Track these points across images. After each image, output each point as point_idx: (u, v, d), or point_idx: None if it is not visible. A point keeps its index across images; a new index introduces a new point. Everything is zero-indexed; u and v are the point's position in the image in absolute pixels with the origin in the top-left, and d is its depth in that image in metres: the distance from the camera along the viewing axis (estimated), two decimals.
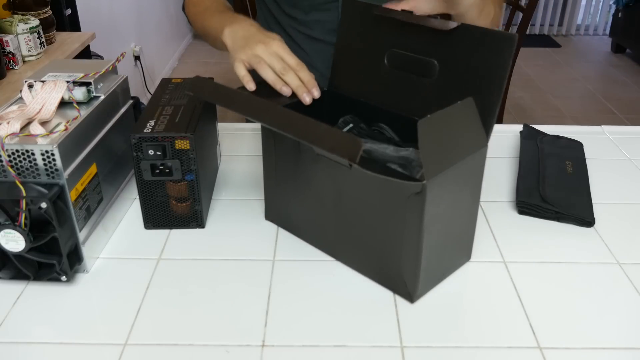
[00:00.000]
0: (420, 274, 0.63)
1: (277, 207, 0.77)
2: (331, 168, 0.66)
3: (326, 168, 0.67)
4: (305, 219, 0.73)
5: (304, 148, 0.68)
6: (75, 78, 0.74)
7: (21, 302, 0.65)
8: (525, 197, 0.80)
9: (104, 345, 0.59)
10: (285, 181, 0.74)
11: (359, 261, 0.69)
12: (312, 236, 0.74)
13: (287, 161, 0.72)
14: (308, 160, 0.68)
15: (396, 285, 0.66)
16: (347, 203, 0.67)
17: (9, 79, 1.58)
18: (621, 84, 3.73)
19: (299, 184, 0.72)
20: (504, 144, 0.99)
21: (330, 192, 0.68)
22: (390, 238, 0.64)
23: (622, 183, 0.89)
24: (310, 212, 0.72)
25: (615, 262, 0.71)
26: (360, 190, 0.65)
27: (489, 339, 0.60)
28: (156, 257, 0.72)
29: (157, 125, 0.72)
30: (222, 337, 0.60)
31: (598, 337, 0.60)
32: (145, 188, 0.74)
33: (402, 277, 0.64)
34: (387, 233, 0.64)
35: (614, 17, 4.24)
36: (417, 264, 0.62)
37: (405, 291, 0.65)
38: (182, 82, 0.86)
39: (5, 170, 0.62)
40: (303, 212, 0.73)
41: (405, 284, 0.64)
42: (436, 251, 0.64)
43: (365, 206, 0.65)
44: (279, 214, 0.77)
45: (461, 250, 0.70)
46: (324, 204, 0.69)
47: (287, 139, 0.69)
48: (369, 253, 0.67)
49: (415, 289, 0.64)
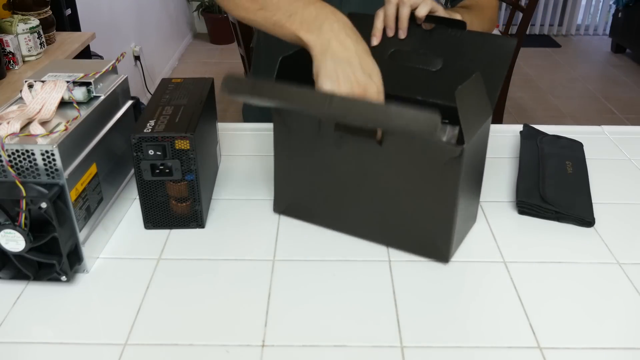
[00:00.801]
0: (453, 235, 0.68)
1: (289, 198, 0.78)
2: (356, 149, 0.69)
3: (350, 150, 0.69)
4: (325, 204, 0.75)
5: (323, 134, 0.70)
6: (75, 78, 0.74)
7: (21, 302, 0.65)
8: (525, 197, 0.80)
9: (104, 345, 0.59)
10: (301, 169, 0.75)
11: (386, 235, 0.72)
12: (332, 220, 0.76)
13: (303, 149, 0.73)
14: (329, 144, 0.70)
15: (428, 250, 0.70)
16: (374, 181, 0.70)
17: (9, 79, 1.58)
18: (621, 84, 3.74)
19: (318, 170, 0.73)
20: (504, 144, 0.99)
21: (354, 172, 0.71)
22: (424, 206, 0.68)
23: (622, 183, 0.89)
24: (330, 196, 0.74)
25: (615, 262, 0.71)
26: (391, 165, 0.68)
27: (489, 339, 0.60)
28: (156, 257, 0.72)
29: (157, 125, 0.72)
30: (222, 337, 0.60)
31: (598, 337, 0.60)
32: (145, 188, 0.74)
33: (435, 242, 0.69)
34: (420, 201, 0.68)
35: (614, 17, 4.24)
36: (450, 226, 0.67)
37: (439, 254, 0.70)
38: (182, 82, 0.86)
39: (5, 170, 0.62)
40: (322, 197, 0.75)
41: (438, 248, 0.69)
42: (462, 212, 0.69)
43: (396, 179, 0.68)
44: (292, 204, 0.78)
45: (473, 213, 0.76)
46: (347, 185, 0.72)
47: (304, 127, 0.71)
48: (399, 224, 0.70)
49: (449, 250, 0.69)
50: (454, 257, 0.72)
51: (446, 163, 0.64)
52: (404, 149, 0.66)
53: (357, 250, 0.73)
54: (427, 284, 0.68)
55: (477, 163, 0.71)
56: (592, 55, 4.31)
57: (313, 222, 0.77)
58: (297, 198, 0.77)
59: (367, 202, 0.72)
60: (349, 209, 0.73)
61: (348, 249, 0.73)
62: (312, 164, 0.73)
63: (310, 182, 0.75)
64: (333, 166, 0.72)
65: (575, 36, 4.75)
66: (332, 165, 0.72)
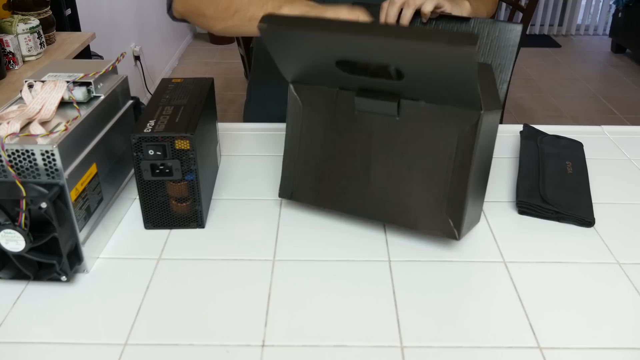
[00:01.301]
0: (466, 210, 0.68)
1: (298, 181, 0.77)
2: (373, 122, 0.69)
3: (366, 124, 0.70)
4: (336, 184, 0.75)
5: (340, 108, 0.70)
6: (75, 78, 0.74)
7: (21, 302, 0.65)
8: (525, 197, 0.80)
9: (104, 345, 0.59)
10: (313, 148, 0.75)
11: (398, 213, 0.72)
12: (342, 202, 0.75)
13: (317, 126, 0.73)
14: (345, 120, 0.71)
15: (440, 226, 0.70)
16: (389, 155, 0.70)
17: (9, 79, 1.58)
18: (621, 84, 3.73)
19: (331, 148, 0.73)
20: (504, 144, 0.99)
21: (368, 148, 0.71)
22: (438, 178, 0.68)
23: (622, 183, 0.89)
24: (343, 175, 0.74)
25: (615, 262, 0.71)
26: (407, 137, 0.68)
27: (489, 339, 0.60)
28: (156, 257, 0.72)
29: (157, 125, 0.72)
30: (222, 337, 0.60)
31: (598, 337, 0.60)
32: (145, 188, 0.74)
33: (447, 217, 0.69)
34: (434, 174, 0.68)
35: (614, 17, 4.24)
36: (463, 199, 0.67)
37: (450, 230, 0.69)
38: (182, 82, 0.86)
39: (5, 170, 0.62)
40: (334, 177, 0.74)
41: (449, 224, 0.69)
42: (473, 191, 0.69)
43: (412, 152, 0.69)
44: (300, 187, 0.77)
45: (478, 209, 0.76)
46: (361, 163, 0.72)
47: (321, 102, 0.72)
48: (412, 201, 0.70)
49: (460, 227, 0.68)
50: (454, 257, 0.72)
51: (463, 131, 0.64)
52: (421, 119, 0.67)
53: (357, 250, 0.73)
54: (427, 284, 0.68)
55: (487, 152, 0.71)
56: (592, 55, 4.31)
57: (322, 205, 0.77)
58: (306, 180, 0.76)
59: (380, 179, 0.72)
60: (361, 188, 0.73)
61: (348, 249, 0.73)
62: (325, 142, 0.74)
63: (323, 161, 0.74)
64: (347, 142, 0.72)
65: (575, 36, 4.75)
66: (346, 142, 0.72)
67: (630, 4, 3.93)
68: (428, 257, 0.72)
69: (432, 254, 0.72)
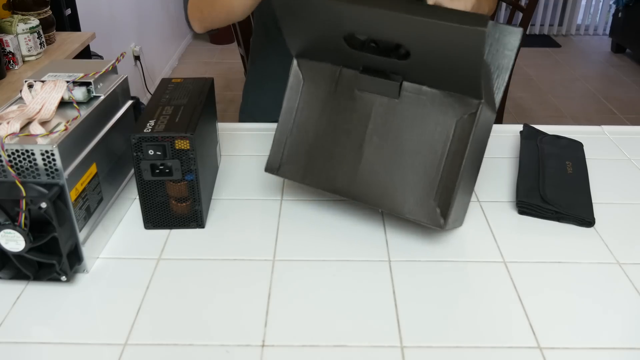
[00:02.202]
0: (454, 199, 0.67)
1: (287, 155, 0.76)
2: (372, 102, 0.70)
3: (366, 103, 0.70)
4: (327, 162, 0.74)
5: (341, 85, 0.71)
6: (75, 78, 0.74)
7: (21, 302, 0.65)
8: (525, 197, 0.80)
9: (104, 345, 0.59)
10: (308, 124, 0.74)
11: (385, 196, 0.71)
12: (330, 180, 0.74)
13: (315, 102, 0.73)
14: (344, 98, 0.71)
15: (426, 213, 0.69)
16: (385, 137, 0.70)
17: (9, 79, 1.58)
18: (621, 84, 3.74)
19: (327, 126, 0.73)
20: (504, 144, 0.99)
21: (365, 128, 0.71)
22: (431, 164, 0.68)
23: (622, 183, 0.89)
24: (334, 154, 0.73)
25: (615, 262, 0.71)
26: (405, 120, 0.68)
27: (489, 339, 0.60)
28: (156, 257, 0.72)
29: (157, 125, 0.72)
30: (222, 337, 0.60)
31: (598, 337, 0.60)
32: (145, 188, 0.74)
33: (435, 206, 0.68)
34: (428, 160, 0.68)
35: (614, 17, 4.24)
36: (453, 188, 0.67)
37: (436, 219, 0.68)
38: (182, 82, 0.86)
39: (5, 170, 0.62)
40: (325, 155, 0.74)
41: (437, 211, 0.68)
42: (464, 183, 0.69)
43: (408, 136, 0.69)
44: (289, 162, 0.76)
45: (469, 192, 0.75)
46: (355, 142, 0.72)
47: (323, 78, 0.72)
48: (401, 184, 0.70)
49: (447, 216, 0.68)
50: (454, 257, 0.72)
51: (462, 119, 0.64)
52: (422, 102, 0.67)
53: (357, 250, 0.73)
54: (427, 284, 0.68)
55: (480, 147, 0.72)
56: (592, 55, 4.31)
57: (308, 182, 0.75)
58: (295, 156, 0.75)
59: (371, 161, 0.71)
60: (350, 169, 0.73)
61: (348, 249, 0.73)
62: (320, 118, 0.74)
63: (315, 137, 0.74)
64: (343, 121, 0.72)
65: (575, 36, 4.75)
66: (342, 121, 0.72)
67: (630, 4, 3.94)
68: (428, 257, 0.72)
69: (432, 254, 0.72)
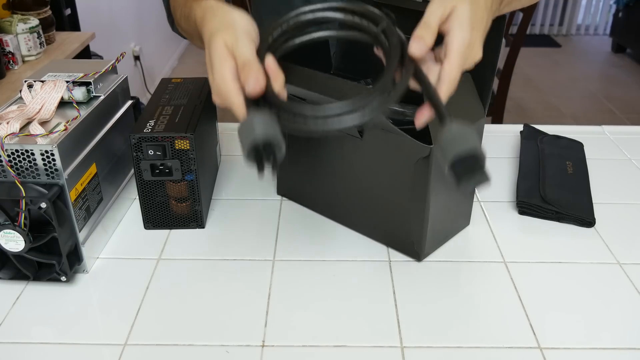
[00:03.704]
0: (426, 234, 0.68)
1: (289, 182, 0.82)
2: (341, 139, 0.71)
3: (337, 140, 0.72)
4: (318, 190, 0.78)
5: None
6: (75, 78, 0.74)
7: (21, 302, 0.65)
8: (525, 197, 0.80)
9: (104, 345, 0.59)
10: (299, 155, 0.78)
11: (369, 226, 0.74)
12: (323, 206, 0.79)
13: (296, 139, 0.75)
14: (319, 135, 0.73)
15: (404, 246, 0.71)
16: (358, 172, 0.72)
17: (9, 79, 1.58)
18: (621, 83, 3.73)
19: (312, 158, 0.76)
20: (504, 143, 0.99)
21: (340, 163, 0.73)
22: (399, 202, 0.69)
23: (622, 183, 0.89)
24: (322, 184, 0.77)
25: (615, 262, 0.71)
26: (370, 159, 0.70)
27: (489, 339, 0.60)
28: (156, 257, 0.72)
29: (157, 125, 0.72)
30: (222, 337, 0.60)
31: (598, 337, 0.60)
32: (145, 188, 0.74)
33: (410, 238, 0.70)
34: (396, 197, 0.69)
35: (614, 17, 4.24)
36: (422, 224, 0.68)
37: (413, 251, 0.71)
38: (182, 82, 0.86)
39: (4, 170, 0.62)
40: (316, 184, 0.78)
41: (412, 245, 0.70)
42: (440, 214, 0.70)
43: (375, 173, 0.70)
44: (292, 188, 0.82)
45: (462, 215, 0.76)
46: (335, 175, 0.75)
47: None
48: (379, 218, 0.72)
49: (422, 249, 0.70)
50: (454, 257, 0.72)
51: (417, 161, 0.65)
52: (381, 144, 0.68)
53: (357, 250, 0.73)
54: (427, 284, 0.68)
55: None
56: (592, 55, 4.31)
57: (309, 207, 0.81)
58: (296, 182, 0.81)
59: (351, 193, 0.74)
60: (337, 198, 0.76)
61: (348, 249, 0.73)
62: (307, 151, 0.76)
63: (306, 168, 0.78)
64: (323, 155, 0.75)
65: (575, 36, 4.75)
66: (323, 155, 0.75)
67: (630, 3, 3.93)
68: (428, 257, 0.72)
69: (431, 254, 0.72)
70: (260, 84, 0.53)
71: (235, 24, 0.57)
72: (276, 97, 0.53)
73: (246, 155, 0.49)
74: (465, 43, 0.53)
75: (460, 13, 0.54)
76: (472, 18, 0.54)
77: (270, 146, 0.49)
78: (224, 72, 0.54)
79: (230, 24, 0.57)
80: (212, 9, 0.61)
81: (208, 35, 0.57)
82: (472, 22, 0.54)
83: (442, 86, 0.53)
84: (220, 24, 0.57)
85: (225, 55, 0.55)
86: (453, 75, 0.53)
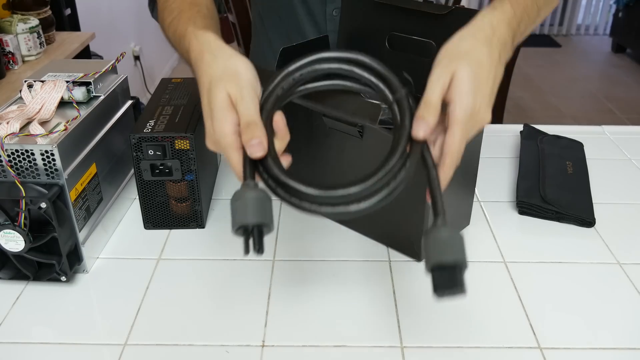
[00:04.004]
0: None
1: None
2: (342, 140, 0.71)
3: (337, 141, 0.71)
4: None
5: (316, 125, 0.72)
6: (75, 78, 0.74)
7: (21, 302, 0.65)
8: (525, 197, 0.80)
9: (104, 345, 0.59)
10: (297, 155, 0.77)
11: (369, 226, 0.74)
12: None
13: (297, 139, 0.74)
14: (320, 135, 0.73)
15: (404, 246, 0.72)
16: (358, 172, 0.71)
17: (9, 79, 1.58)
18: (621, 83, 3.73)
19: (310, 160, 0.76)
20: (504, 144, 0.99)
21: (339, 163, 0.73)
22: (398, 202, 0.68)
23: (622, 183, 0.89)
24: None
25: (615, 262, 0.71)
26: (370, 159, 0.69)
27: (489, 339, 0.60)
28: (156, 257, 0.72)
29: (157, 125, 0.72)
30: (222, 337, 0.60)
31: (598, 337, 0.60)
32: (145, 188, 0.74)
33: (410, 238, 0.70)
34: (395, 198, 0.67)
35: (614, 17, 4.24)
36: (421, 225, 0.68)
37: (413, 251, 0.71)
38: (182, 82, 0.86)
39: (4, 170, 0.62)
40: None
41: (412, 245, 0.70)
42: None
43: None
44: None
45: (462, 215, 0.77)
46: (335, 174, 0.74)
47: (299, 117, 0.73)
48: (379, 218, 0.71)
49: (421, 249, 0.69)
50: None
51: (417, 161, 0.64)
52: (381, 144, 0.67)
53: (357, 250, 0.73)
54: (427, 284, 0.67)
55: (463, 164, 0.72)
56: (592, 55, 4.31)
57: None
58: None
59: None
60: None
61: (348, 249, 0.73)
62: (307, 151, 0.76)
63: (306, 168, 0.77)
64: (323, 156, 0.75)
65: (575, 36, 4.75)
66: (322, 155, 0.75)
67: (630, 3, 3.93)
68: None
69: None
70: (264, 147, 0.51)
71: (239, 75, 0.55)
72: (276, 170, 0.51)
73: (234, 231, 0.50)
74: (467, 113, 0.51)
75: (461, 80, 0.51)
76: (475, 82, 0.52)
77: (259, 227, 0.49)
78: (224, 126, 0.53)
79: (234, 74, 0.54)
80: (211, 49, 0.59)
81: (209, 81, 0.55)
82: (474, 86, 0.52)
83: (444, 160, 0.51)
84: (223, 73, 0.55)
85: (228, 108, 0.53)
86: (455, 147, 0.51)
